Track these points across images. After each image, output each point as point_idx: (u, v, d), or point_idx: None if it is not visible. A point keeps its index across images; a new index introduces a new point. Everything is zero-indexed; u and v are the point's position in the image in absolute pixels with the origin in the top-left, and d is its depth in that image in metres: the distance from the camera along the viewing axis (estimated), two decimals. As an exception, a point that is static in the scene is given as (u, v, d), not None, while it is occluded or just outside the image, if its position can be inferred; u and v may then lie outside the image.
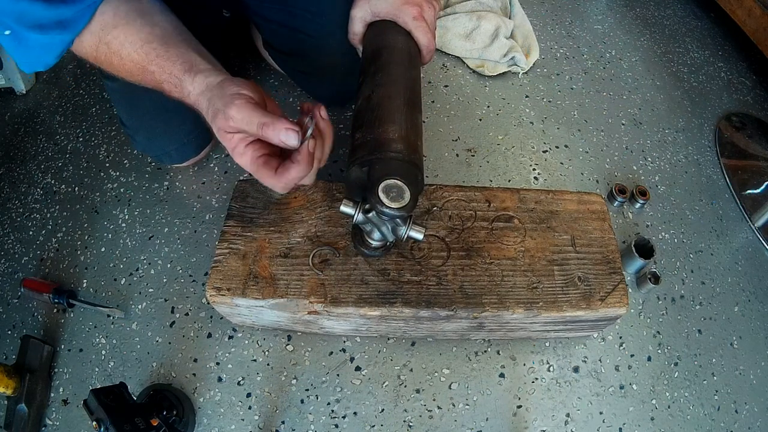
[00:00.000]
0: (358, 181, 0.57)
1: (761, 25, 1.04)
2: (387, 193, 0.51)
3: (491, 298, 0.62)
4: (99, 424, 0.51)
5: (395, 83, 0.61)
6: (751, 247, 0.88)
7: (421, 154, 0.58)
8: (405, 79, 0.62)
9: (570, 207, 0.71)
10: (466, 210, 0.70)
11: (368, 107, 0.58)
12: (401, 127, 0.56)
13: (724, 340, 0.78)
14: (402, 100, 0.59)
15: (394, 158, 0.54)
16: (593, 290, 0.64)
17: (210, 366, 0.71)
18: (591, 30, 1.22)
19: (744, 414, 0.71)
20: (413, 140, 0.57)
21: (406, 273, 0.64)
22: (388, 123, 0.56)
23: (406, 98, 0.60)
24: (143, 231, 0.84)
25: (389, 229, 0.57)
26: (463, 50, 1.08)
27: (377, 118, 0.57)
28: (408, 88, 0.61)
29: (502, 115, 1.01)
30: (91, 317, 0.75)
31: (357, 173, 0.56)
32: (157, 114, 0.76)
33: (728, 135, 1.04)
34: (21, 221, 0.87)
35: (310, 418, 0.68)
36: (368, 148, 0.55)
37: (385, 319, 0.64)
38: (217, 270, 0.63)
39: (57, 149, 0.96)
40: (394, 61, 0.62)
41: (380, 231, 0.57)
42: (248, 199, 0.69)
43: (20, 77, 1.03)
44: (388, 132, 0.55)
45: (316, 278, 0.63)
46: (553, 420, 0.69)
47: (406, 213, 0.51)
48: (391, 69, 0.61)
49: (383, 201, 0.50)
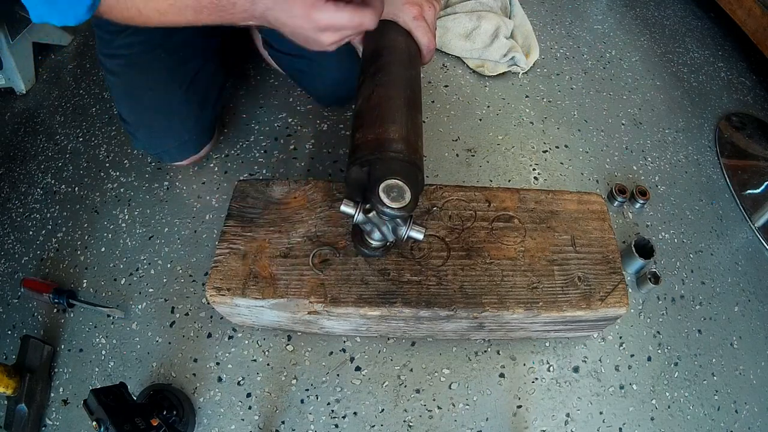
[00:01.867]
0: (359, 181, 0.57)
1: (761, 25, 1.04)
2: (388, 193, 0.51)
3: (491, 298, 0.62)
4: (99, 424, 0.51)
5: (395, 83, 0.60)
6: (751, 247, 0.88)
7: (421, 154, 0.58)
8: (405, 78, 0.62)
9: (570, 207, 0.71)
10: (466, 210, 0.70)
11: (368, 107, 0.58)
12: (402, 127, 0.56)
13: (724, 340, 0.78)
14: (402, 100, 0.59)
15: (394, 158, 0.54)
16: (593, 290, 0.64)
17: (210, 366, 0.71)
18: (591, 30, 1.22)
19: (744, 414, 0.71)
20: (414, 140, 0.57)
21: (406, 273, 0.64)
22: (389, 123, 0.56)
23: (406, 98, 0.60)
24: (143, 231, 0.84)
25: (390, 229, 0.57)
26: (463, 50, 1.08)
27: (377, 118, 0.57)
28: (408, 88, 0.61)
29: (502, 115, 1.01)
30: (91, 317, 0.75)
31: (357, 173, 0.56)
32: (159, 110, 0.76)
33: (728, 135, 1.04)
34: (21, 221, 0.87)
35: (310, 418, 0.68)
36: (369, 148, 0.55)
37: (385, 319, 0.64)
38: (217, 270, 0.63)
39: (57, 149, 0.96)
40: (394, 60, 0.62)
41: (380, 231, 0.57)
42: (248, 199, 0.69)
43: (20, 77, 1.04)
44: (389, 132, 0.55)
45: (316, 278, 0.63)
46: (553, 420, 0.69)
47: (407, 213, 0.51)
48: (391, 69, 0.61)
49: (384, 201, 0.50)
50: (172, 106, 0.77)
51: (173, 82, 0.77)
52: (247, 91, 1.02)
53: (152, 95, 0.77)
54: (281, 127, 0.97)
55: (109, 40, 0.75)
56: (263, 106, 1.00)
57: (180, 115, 0.79)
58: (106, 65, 0.77)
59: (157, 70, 0.76)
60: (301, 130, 0.97)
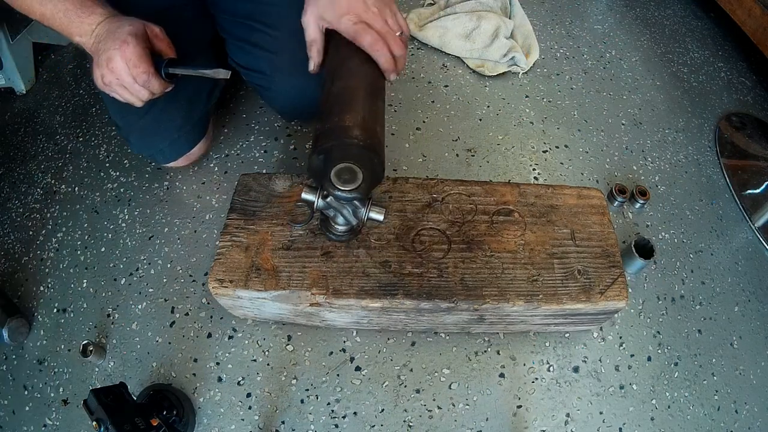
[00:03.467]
0: (318, 169, 0.58)
1: (761, 25, 1.04)
2: (339, 176, 0.52)
3: (492, 290, 0.63)
4: (99, 424, 0.51)
5: (354, 75, 0.62)
6: (751, 247, 0.88)
7: (380, 138, 0.59)
8: (363, 70, 0.62)
9: (570, 201, 0.71)
10: (467, 203, 0.70)
11: (328, 99, 0.60)
12: (358, 115, 0.58)
13: (724, 340, 0.78)
14: (362, 91, 0.60)
15: (349, 144, 0.55)
16: (593, 283, 0.64)
17: (210, 366, 0.71)
18: (591, 30, 1.22)
19: (744, 414, 0.71)
20: (371, 125, 0.58)
21: (407, 265, 0.64)
22: (346, 112, 0.57)
23: (365, 87, 0.61)
24: (143, 231, 0.84)
25: (350, 212, 0.59)
26: (463, 50, 1.08)
27: (335, 107, 0.58)
28: (367, 79, 0.62)
29: (502, 115, 1.01)
30: (91, 317, 0.75)
31: (316, 161, 0.58)
32: (146, 112, 0.76)
33: (728, 135, 1.04)
34: (21, 221, 0.87)
35: (310, 418, 0.68)
36: (326, 136, 0.56)
37: (386, 311, 0.64)
38: (220, 262, 0.63)
39: (57, 149, 0.96)
40: (353, 57, 0.63)
41: (342, 215, 0.60)
42: (251, 193, 0.70)
43: (20, 77, 1.04)
44: (345, 120, 0.57)
45: (318, 270, 0.63)
46: (553, 420, 0.69)
47: (359, 194, 0.52)
48: (350, 63, 0.62)
49: (336, 185, 0.52)
50: (159, 105, 0.76)
51: None
52: (247, 91, 1.02)
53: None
54: (281, 127, 0.97)
55: None
56: (263, 106, 1.00)
57: (167, 113, 0.78)
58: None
59: None
60: (301, 130, 0.97)
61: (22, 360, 0.73)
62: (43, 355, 0.73)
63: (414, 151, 0.94)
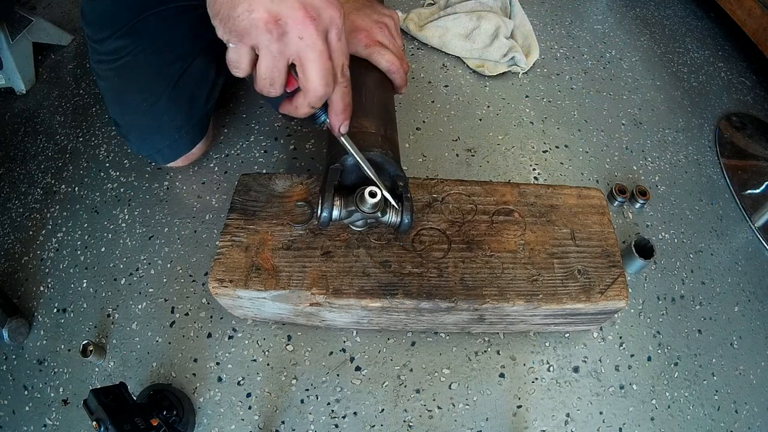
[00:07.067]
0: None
1: (761, 25, 1.04)
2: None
3: (492, 290, 0.63)
4: (99, 424, 0.51)
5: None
6: (751, 247, 0.88)
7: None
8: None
9: (569, 201, 0.71)
10: (467, 203, 0.70)
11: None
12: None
13: (724, 340, 0.78)
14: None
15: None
16: (593, 283, 0.64)
17: (210, 366, 0.71)
18: (591, 30, 1.22)
19: (744, 414, 0.71)
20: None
21: (407, 265, 0.64)
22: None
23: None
24: (143, 231, 0.84)
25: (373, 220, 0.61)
26: (463, 50, 1.08)
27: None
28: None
29: (502, 115, 1.02)
30: (91, 317, 0.76)
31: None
32: (147, 111, 0.76)
33: (728, 135, 1.04)
34: (21, 221, 0.87)
35: (310, 418, 0.68)
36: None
37: (386, 311, 0.64)
38: (220, 262, 0.63)
39: (57, 149, 0.96)
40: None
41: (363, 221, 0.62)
42: (251, 193, 0.70)
43: (20, 77, 1.04)
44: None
45: (318, 270, 0.63)
46: (553, 420, 0.69)
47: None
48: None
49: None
50: (159, 105, 0.76)
51: (160, 82, 0.77)
52: (247, 91, 1.02)
53: (139, 96, 0.77)
54: (281, 127, 0.97)
55: (97, 46, 0.75)
56: (263, 106, 1.00)
57: (168, 113, 0.78)
58: (97, 71, 0.78)
59: (144, 71, 0.76)
60: (301, 130, 0.97)
61: (22, 360, 0.73)
62: (43, 355, 0.73)
63: (414, 151, 0.94)
